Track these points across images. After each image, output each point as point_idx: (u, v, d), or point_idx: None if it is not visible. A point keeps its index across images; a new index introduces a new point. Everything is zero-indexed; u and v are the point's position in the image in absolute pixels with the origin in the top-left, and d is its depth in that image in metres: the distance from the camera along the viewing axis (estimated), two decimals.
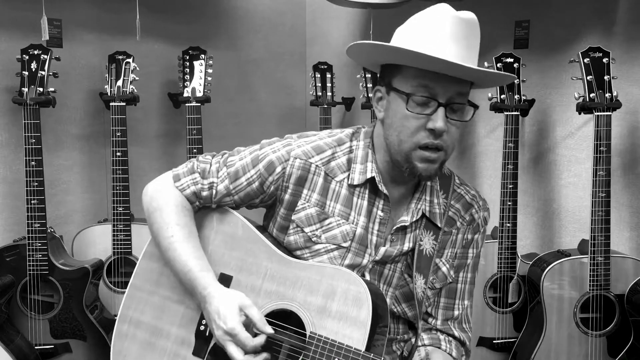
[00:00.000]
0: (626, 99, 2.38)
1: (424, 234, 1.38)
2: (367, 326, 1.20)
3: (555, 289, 2.26)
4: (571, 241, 2.58)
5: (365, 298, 1.22)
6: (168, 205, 1.39)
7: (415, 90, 1.23)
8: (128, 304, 1.45)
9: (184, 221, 1.38)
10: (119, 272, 2.50)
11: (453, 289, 1.45)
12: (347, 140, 1.39)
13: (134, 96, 2.48)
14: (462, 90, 1.24)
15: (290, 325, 1.30)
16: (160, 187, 1.42)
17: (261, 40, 3.21)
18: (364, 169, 1.35)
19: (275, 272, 1.34)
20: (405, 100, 1.24)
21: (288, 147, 1.37)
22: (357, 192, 1.36)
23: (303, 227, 1.36)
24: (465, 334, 1.46)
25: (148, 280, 1.46)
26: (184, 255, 1.34)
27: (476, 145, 2.87)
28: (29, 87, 2.29)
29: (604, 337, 2.27)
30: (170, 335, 1.39)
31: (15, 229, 2.49)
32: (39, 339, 2.33)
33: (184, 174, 1.42)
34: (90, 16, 2.69)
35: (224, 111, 3.04)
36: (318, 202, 1.36)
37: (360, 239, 1.35)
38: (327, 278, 1.28)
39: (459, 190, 1.43)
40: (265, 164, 1.36)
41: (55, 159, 2.62)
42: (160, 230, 1.38)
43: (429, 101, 1.22)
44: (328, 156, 1.36)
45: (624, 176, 2.48)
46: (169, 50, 2.81)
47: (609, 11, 2.48)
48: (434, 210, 1.38)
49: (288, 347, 1.28)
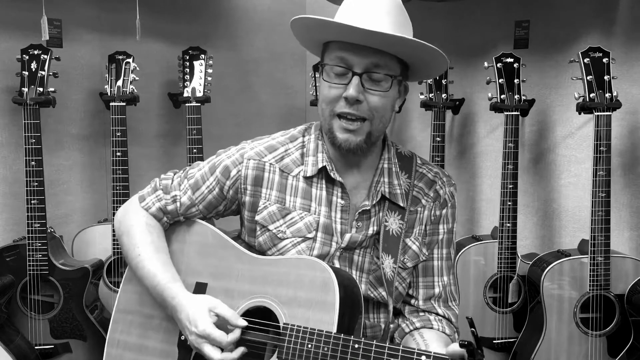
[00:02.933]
0: (626, 99, 2.38)
1: (389, 215, 1.40)
2: (335, 308, 1.23)
3: (555, 289, 2.26)
4: (571, 241, 2.58)
5: (331, 282, 1.25)
6: (134, 227, 1.45)
7: (333, 62, 1.30)
8: (115, 328, 1.49)
9: (150, 239, 1.43)
10: (119, 272, 2.50)
11: (430, 266, 1.47)
12: (299, 136, 1.45)
13: (134, 96, 2.48)
14: (378, 62, 1.28)
15: (265, 320, 1.32)
16: (128, 210, 1.50)
17: (261, 40, 3.21)
18: (315, 160, 1.40)
19: (245, 272, 1.38)
20: (321, 71, 1.32)
21: (242, 150, 1.43)
22: (314, 184, 1.40)
23: (267, 225, 1.40)
24: (452, 311, 1.48)
25: (130, 302, 1.50)
26: (152, 270, 1.39)
27: (476, 145, 2.87)
28: (29, 87, 2.29)
29: (604, 337, 2.27)
30: (155, 350, 1.43)
31: (15, 229, 2.49)
32: (39, 339, 2.33)
33: (148, 193, 1.49)
34: (90, 16, 2.69)
35: (224, 111, 3.04)
36: (278, 199, 1.40)
37: (325, 228, 1.38)
38: (294, 269, 1.31)
39: (421, 170, 1.47)
40: (221, 170, 1.42)
41: (55, 159, 2.62)
42: (129, 251, 1.44)
43: (346, 72, 1.28)
44: (281, 153, 1.42)
45: (624, 176, 2.48)
46: (169, 50, 2.81)
47: (609, 11, 2.48)
48: (394, 191, 1.41)
49: (264, 342, 1.31)
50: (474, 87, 2.80)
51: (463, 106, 2.75)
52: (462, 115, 2.86)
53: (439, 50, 1.29)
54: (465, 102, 2.75)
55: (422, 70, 1.39)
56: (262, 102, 3.25)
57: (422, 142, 2.95)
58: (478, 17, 2.80)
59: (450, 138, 2.92)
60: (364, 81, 1.28)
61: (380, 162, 1.43)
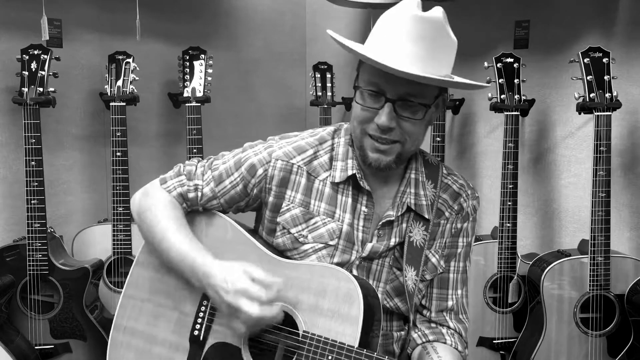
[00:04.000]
0: (626, 99, 2.38)
1: (414, 226, 1.38)
2: (359, 322, 1.21)
3: (555, 289, 2.26)
4: (571, 241, 2.58)
5: (356, 294, 1.22)
6: (158, 204, 1.41)
7: (366, 85, 1.27)
8: (122, 313, 1.46)
9: (175, 214, 1.40)
10: (119, 272, 2.50)
11: (445, 279, 1.45)
12: (328, 138, 1.41)
13: (134, 96, 2.48)
14: (412, 91, 1.24)
15: (283, 326, 1.29)
16: (148, 190, 1.45)
17: (261, 40, 3.21)
18: (344, 166, 1.37)
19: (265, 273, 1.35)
20: (354, 93, 1.31)
21: (270, 149, 1.39)
22: (341, 190, 1.37)
23: (289, 228, 1.37)
24: (462, 325, 1.46)
25: (141, 288, 1.46)
26: (178, 242, 1.35)
27: (476, 145, 2.87)
28: (29, 87, 2.29)
29: (604, 337, 2.27)
30: (165, 341, 1.40)
31: (15, 229, 2.49)
32: (39, 339, 2.33)
33: (170, 177, 1.45)
34: (90, 16, 2.69)
35: (224, 111, 3.04)
36: (302, 202, 1.37)
37: (347, 236, 1.36)
38: (317, 276, 1.28)
39: (447, 181, 1.44)
40: (247, 167, 1.38)
41: (55, 159, 2.62)
42: (152, 225, 1.39)
43: (379, 96, 1.25)
44: (310, 155, 1.38)
45: (624, 176, 2.48)
46: (169, 50, 2.81)
47: (609, 11, 2.48)
48: (420, 202, 1.39)
49: (282, 348, 1.28)
50: None
51: (463, 106, 2.75)
52: (462, 115, 2.86)
53: (476, 83, 1.29)
54: (465, 102, 2.75)
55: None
56: (262, 102, 3.25)
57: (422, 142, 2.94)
58: (478, 17, 2.80)
59: (450, 138, 2.92)
60: (397, 107, 1.24)
61: (408, 172, 1.40)
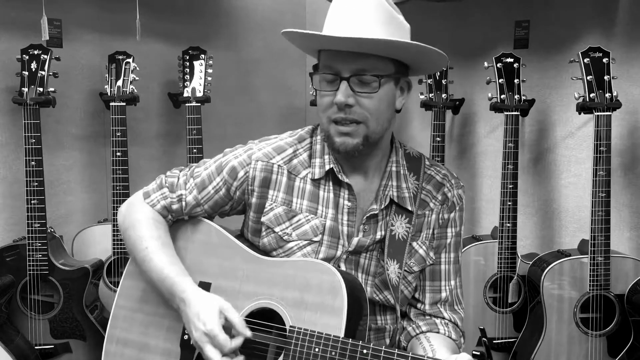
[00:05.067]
0: (626, 99, 2.38)
1: (395, 219, 1.40)
2: (343, 313, 1.22)
3: (555, 289, 2.26)
4: (571, 241, 2.58)
5: (339, 286, 1.24)
6: (140, 221, 1.43)
7: (321, 71, 1.32)
8: (114, 324, 1.48)
9: (157, 233, 1.42)
10: (119, 272, 2.50)
11: (437, 270, 1.46)
12: (307, 137, 1.44)
13: (134, 96, 2.48)
14: (365, 66, 1.27)
15: (271, 323, 1.31)
16: (132, 205, 1.48)
17: (261, 40, 3.21)
18: (322, 162, 1.39)
19: (251, 272, 1.37)
20: (312, 80, 1.34)
21: (249, 151, 1.42)
22: (322, 186, 1.39)
23: (273, 227, 1.39)
24: (458, 315, 1.47)
25: (131, 298, 1.48)
26: (160, 263, 1.38)
27: (476, 145, 2.87)
28: (29, 87, 2.29)
29: (604, 337, 2.27)
30: (157, 348, 1.42)
31: (15, 229, 2.49)
32: (39, 339, 2.33)
33: (153, 190, 1.47)
34: (90, 16, 2.69)
35: (224, 111, 3.04)
36: (285, 201, 1.39)
37: (331, 231, 1.38)
38: (301, 271, 1.30)
39: (429, 172, 1.46)
40: (228, 170, 1.41)
41: (55, 159, 2.62)
42: (135, 244, 1.42)
43: (335, 78, 1.28)
44: (289, 154, 1.41)
45: (624, 176, 2.48)
46: (169, 50, 2.81)
47: (609, 11, 2.48)
48: (402, 194, 1.40)
49: (270, 345, 1.30)
50: (474, 87, 2.80)
51: (463, 106, 2.75)
52: (462, 115, 2.86)
53: (425, 45, 1.27)
54: (465, 102, 2.75)
55: (420, 67, 1.38)
56: (262, 102, 3.25)
57: (422, 142, 2.94)
58: (478, 17, 2.80)
59: (450, 138, 2.92)
60: (353, 85, 1.27)
61: (389, 166, 1.42)
